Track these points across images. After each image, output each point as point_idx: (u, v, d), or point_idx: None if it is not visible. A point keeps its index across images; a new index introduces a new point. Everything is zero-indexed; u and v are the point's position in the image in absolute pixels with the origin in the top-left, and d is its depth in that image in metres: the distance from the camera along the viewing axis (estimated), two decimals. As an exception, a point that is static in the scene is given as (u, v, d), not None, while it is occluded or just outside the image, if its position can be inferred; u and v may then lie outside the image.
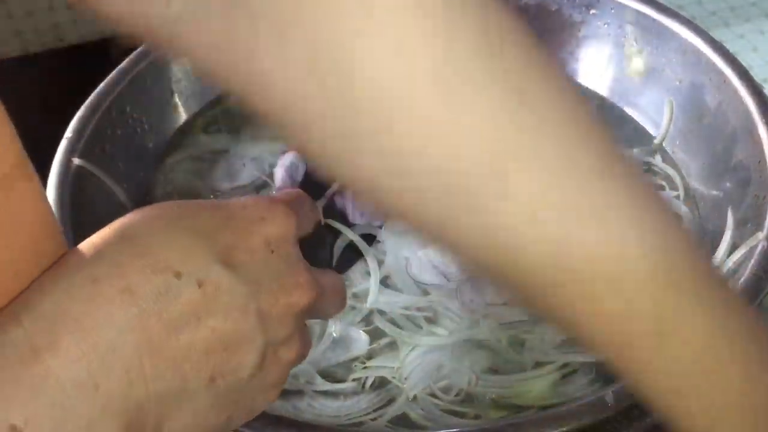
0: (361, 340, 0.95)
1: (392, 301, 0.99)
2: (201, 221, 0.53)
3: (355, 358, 0.94)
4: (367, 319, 0.97)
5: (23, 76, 2.73)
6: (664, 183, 1.11)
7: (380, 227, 0.92)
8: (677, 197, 1.09)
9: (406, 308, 0.98)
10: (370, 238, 0.95)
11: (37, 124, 0.62)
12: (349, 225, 0.91)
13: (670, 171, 1.12)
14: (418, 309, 0.98)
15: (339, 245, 0.92)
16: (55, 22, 2.51)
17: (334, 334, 0.95)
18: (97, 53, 1.10)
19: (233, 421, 0.55)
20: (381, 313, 0.98)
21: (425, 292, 1.01)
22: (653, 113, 1.17)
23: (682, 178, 1.11)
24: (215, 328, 0.50)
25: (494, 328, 0.95)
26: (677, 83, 1.13)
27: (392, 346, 0.95)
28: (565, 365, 0.91)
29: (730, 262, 0.91)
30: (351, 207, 0.88)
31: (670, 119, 1.14)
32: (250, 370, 0.53)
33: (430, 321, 0.98)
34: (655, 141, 1.15)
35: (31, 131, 0.52)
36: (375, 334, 0.96)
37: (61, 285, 0.46)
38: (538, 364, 0.92)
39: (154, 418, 0.48)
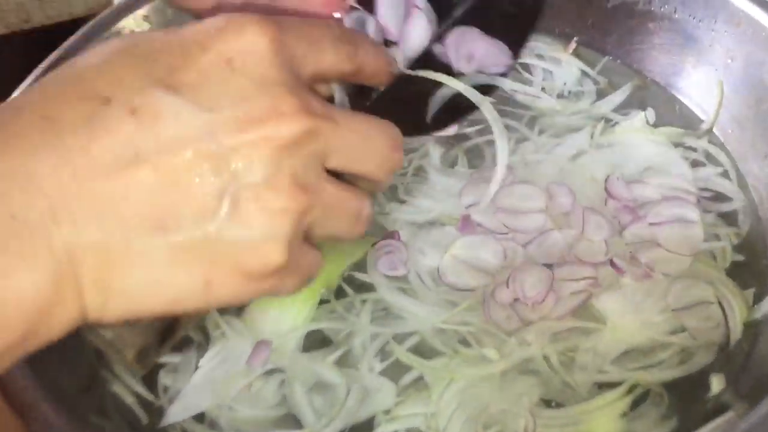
0: (385, 390, 0.77)
1: (425, 316, 0.83)
2: (143, 45, 0.43)
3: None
4: (383, 352, 0.81)
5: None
6: (704, 160, 0.98)
7: (502, 74, 0.68)
8: (722, 174, 0.97)
9: (446, 322, 0.82)
10: (484, 90, 0.68)
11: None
12: (454, 76, 0.66)
13: (713, 149, 0.99)
14: (464, 323, 0.82)
15: (436, 100, 0.66)
16: (20, 2, 2.27)
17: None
18: (66, 35, 0.95)
19: (216, 285, 0.44)
20: (401, 340, 0.82)
21: (451, 303, 0.85)
22: (701, 96, 1.02)
23: (731, 159, 0.98)
24: (158, 164, 0.41)
25: (544, 345, 0.80)
26: (728, 61, 0.96)
27: (420, 384, 0.78)
28: (632, 388, 0.77)
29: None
30: (455, 53, 0.64)
31: (720, 103, 0.98)
32: (213, 217, 0.42)
33: (470, 341, 0.82)
34: (702, 127, 1.00)
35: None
36: (396, 371, 0.79)
37: None
38: (599, 387, 0.78)
39: (92, 270, 0.41)
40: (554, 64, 1.08)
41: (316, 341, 0.82)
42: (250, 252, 0.44)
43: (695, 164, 0.97)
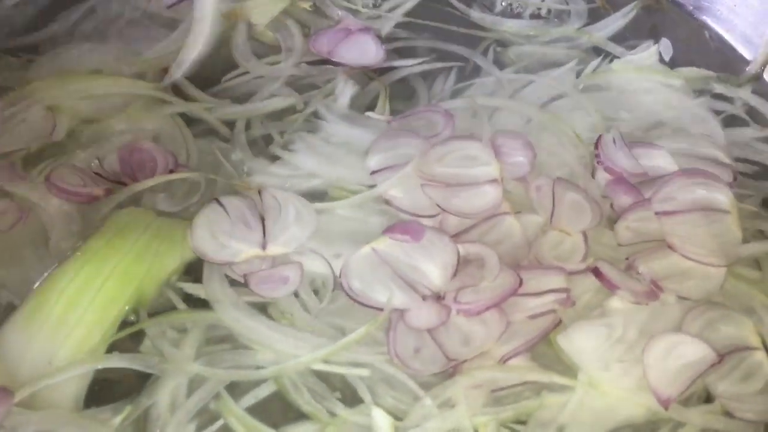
0: None
1: (291, 350, 0.57)
2: None
3: None
4: (206, 412, 0.55)
5: None
6: (745, 117, 0.78)
7: None
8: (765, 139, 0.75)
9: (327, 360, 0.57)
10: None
11: None
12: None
13: (758, 102, 0.79)
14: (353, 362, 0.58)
15: None
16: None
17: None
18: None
19: None
20: (241, 391, 0.57)
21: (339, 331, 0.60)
22: (749, 23, 0.83)
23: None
24: None
25: (477, 409, 0.55)
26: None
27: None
28: None
29: None
30: None
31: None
32: None
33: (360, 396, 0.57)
34: (748, 69, 0.82)
35: None
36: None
37: None
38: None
39: None
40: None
41: (116, 387, 0.57)
42: None
43: (731, 122, 0.76)
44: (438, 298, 0.60)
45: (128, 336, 0.59)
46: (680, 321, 0.59)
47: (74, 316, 0.57)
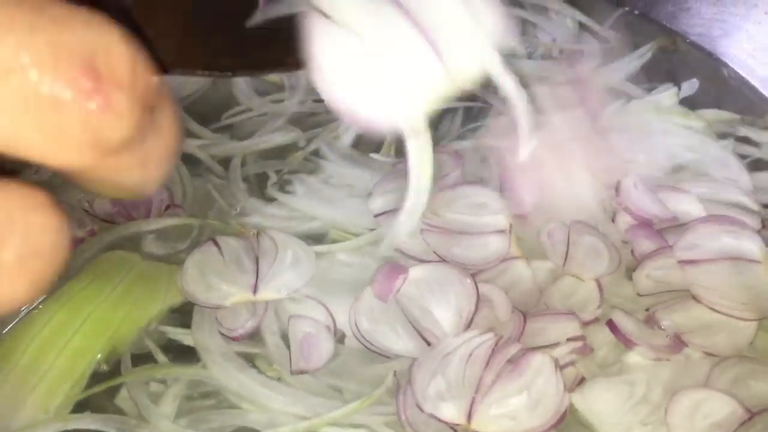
0: None
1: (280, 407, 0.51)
2: None
3: None
4: None
5: None
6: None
7: None
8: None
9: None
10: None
11: None
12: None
13: None
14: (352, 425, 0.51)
15: None
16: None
17: None
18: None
19: None
20: None
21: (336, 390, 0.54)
22: None
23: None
24: None
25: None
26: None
27: None
28: None
29: None
30: None
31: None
32: None
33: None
34: None
35: None
36: None
37: None
38: None
39: None
40: (538, 13, 0.83)
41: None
42: None
43: (757, 167, 0.71)
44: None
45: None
46: (707, 378, 0.51)
47: (43, 367, 0.51)
